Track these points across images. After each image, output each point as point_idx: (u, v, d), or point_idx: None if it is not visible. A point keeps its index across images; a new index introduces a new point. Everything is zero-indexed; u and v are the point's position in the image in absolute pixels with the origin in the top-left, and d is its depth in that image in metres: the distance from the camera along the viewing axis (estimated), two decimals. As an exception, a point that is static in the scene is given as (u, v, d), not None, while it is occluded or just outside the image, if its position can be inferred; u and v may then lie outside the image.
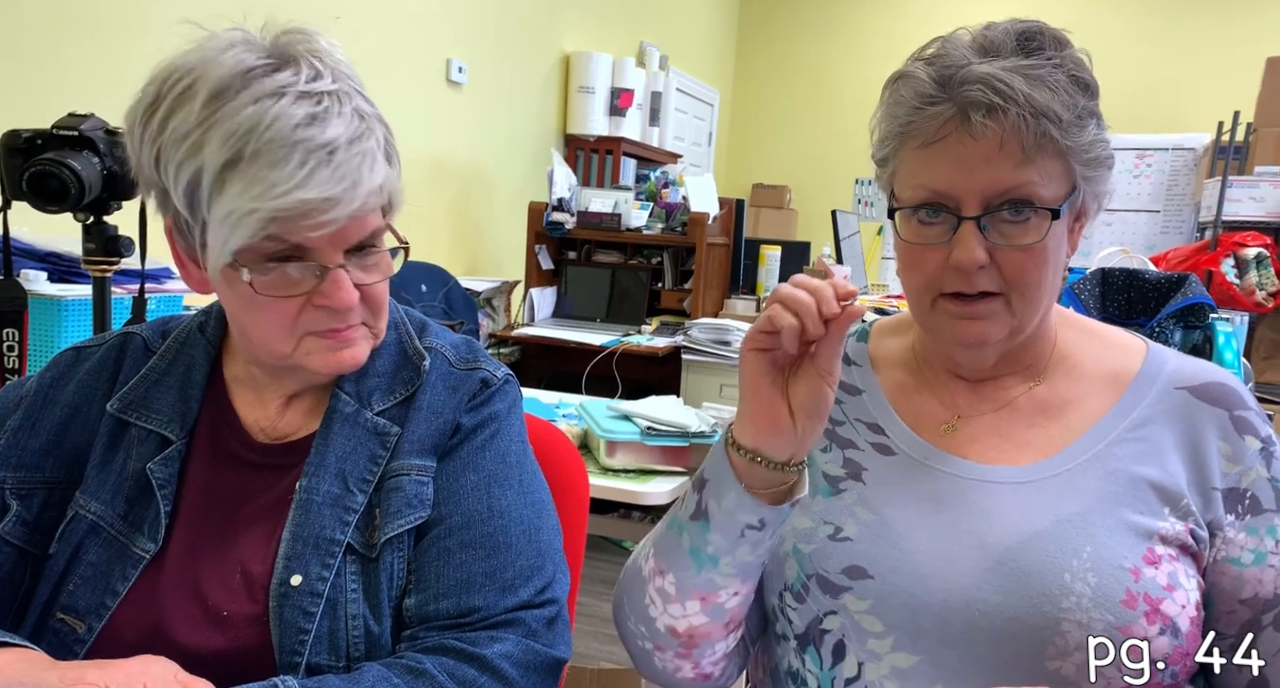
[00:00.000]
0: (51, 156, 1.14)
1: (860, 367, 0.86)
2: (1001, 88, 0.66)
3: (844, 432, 0.82)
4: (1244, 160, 4.02)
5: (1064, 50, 0.70)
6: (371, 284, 0.73)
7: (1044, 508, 0.72)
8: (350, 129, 0.67)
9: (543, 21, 4.03)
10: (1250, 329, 3.72)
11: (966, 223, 0.69)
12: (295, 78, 0.67)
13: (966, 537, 0.72)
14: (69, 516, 0.75)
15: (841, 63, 6.24)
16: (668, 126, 5.10)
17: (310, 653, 0.70)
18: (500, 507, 0.77)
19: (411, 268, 2.89)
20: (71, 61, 1.97)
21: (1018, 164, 0.68)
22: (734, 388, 2.91)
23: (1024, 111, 0.66)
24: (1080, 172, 0.70)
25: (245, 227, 0.66)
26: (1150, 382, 0.77)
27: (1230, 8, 5.38)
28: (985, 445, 0.77)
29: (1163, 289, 1.92)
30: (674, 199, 3.43)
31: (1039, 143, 0.67)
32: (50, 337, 1.47)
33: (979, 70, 0.67)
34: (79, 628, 0.71)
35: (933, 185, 0.71)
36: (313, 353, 0.73)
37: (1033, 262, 0.70)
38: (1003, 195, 0.69)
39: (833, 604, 0.73)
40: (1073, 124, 0.68)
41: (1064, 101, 0.68)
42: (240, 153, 0.65)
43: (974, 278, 0.71)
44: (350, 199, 0.66)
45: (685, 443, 1.69)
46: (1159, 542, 0.70)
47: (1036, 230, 0.69)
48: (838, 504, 0.77)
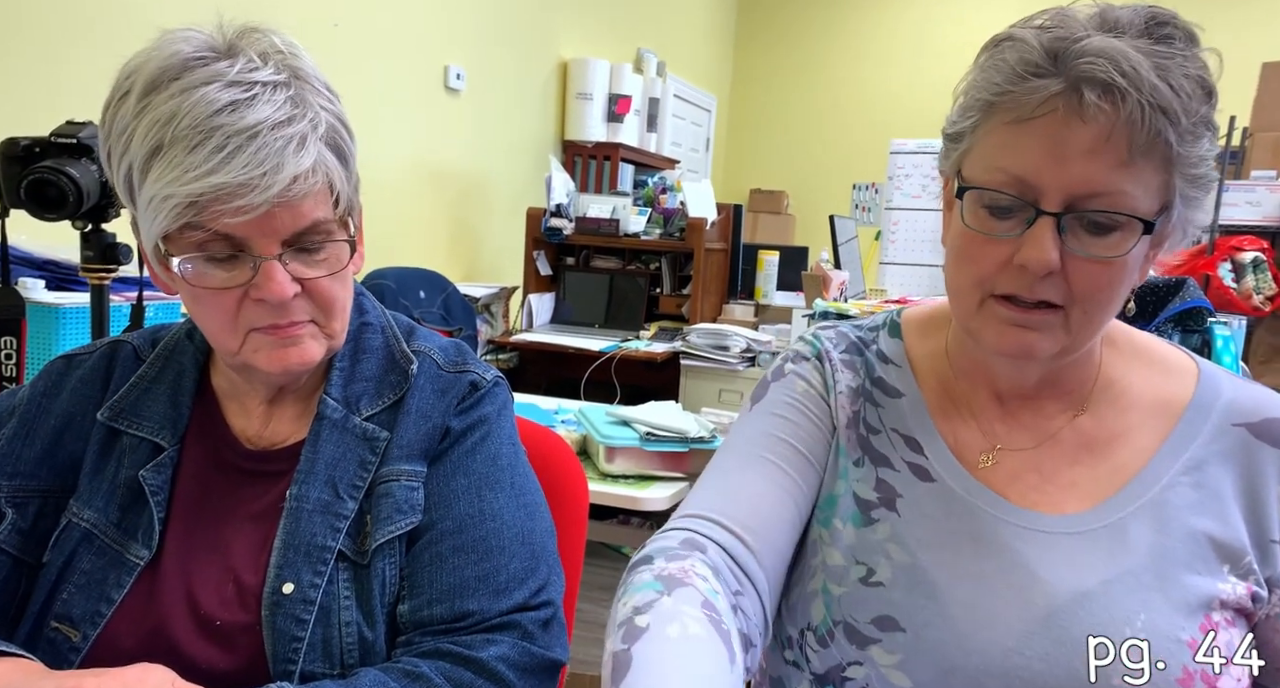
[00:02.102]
0: (50, 164, 1.15)
1: (899, 367, 0.76)
2: (1126, 68, 0.57)
3: (879, 444, 0.74)
4: (1240, 165, 4.03)
5: (1194, 47, 0.61)
6: (313, 278, 0.71)
7: (1093, 564, 0.65)
8: (277, 113, 0.65)
9: (540, 28, 4.04)
10: (1248, 333, 3.72)
11: (1044, 219, 0.60)
12: (230, 68, 0.65)
13: (1007, 591, 0.65)
14: (62, 524, 0.75)
15: (839, 69, 6.25)
16: (665, 132, 5.11)
17: (304, 661, 0.70)
18: (492, 510, 0.77)
19: (410, 274, 2.89)
20: (70, 70, 1.97)
21: (1118, 164, 0.59)
22: (732, 393, 2.92)
23: (1144, 100, 0.57)
24: (1181, 188, 0.61)
25: (164, 212, 0.65)
26: (1204, 414, 0.69)
27: (1226, 14, 5.40)
28: (1026, 486, 0.70)
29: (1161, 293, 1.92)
30: (672, 205, 3.44)
31: (1149, 143, 0.58)
32: (48, 345, 1.47)
33: (1099, 43, 0.57)
34: (74, 636, 0.71)
35: (1016, 170, 0.61)
36: (259, 350, 0.72)
37: (1106, 277, 0.62)
38: (1093, 197, 0.60)
39: (859, 655, 0.67)
40: (1188, 132, 0.59)
41: (1185, 103, 0.58)
42: (162, 140, 0.64)
43: (1037, 284, 0.62)
44: (270, 184, 0.64)
45: (684, 448, 1.69)
46: (1218, 607, 0.64)
47: (1120, 243, 0.60)
48: (870, 539, 0.70)
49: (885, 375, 0.76)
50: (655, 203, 3.49)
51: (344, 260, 0.73)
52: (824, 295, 2.86)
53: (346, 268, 0.74)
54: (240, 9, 0.71)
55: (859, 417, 0.75)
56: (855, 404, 0.76)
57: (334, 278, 0.72)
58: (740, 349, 2.88)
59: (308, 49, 0.73)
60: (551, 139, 4.23)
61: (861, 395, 0.76)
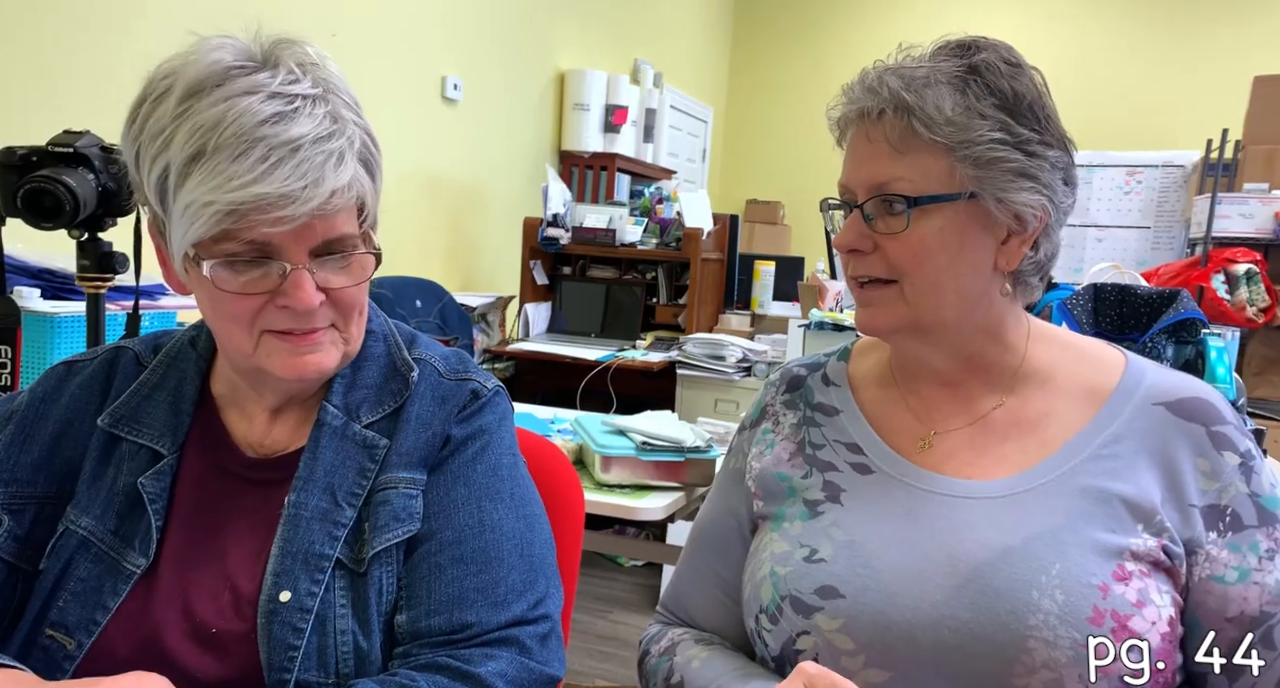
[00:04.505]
0: (46, 173, 1.15)
1: (839, 387, 0.87)
2: (874, 85, 0.73)
3: (824, 455, 0.83)
4: (1233, 177, 4.05)
5: (978, 56, 0.73)
6: (340, 288, 0.72)
7: (1015, 524, 0.72)
8: (318, 128, 0.66)
9: (537, 39, 4.05)
10: (1241, 345, 3.74)
11: (854, 210, 0.76)
12: (271, 79, 0.67)
13: (937, 553, 0.73)
14: (59, 531, 0.75)
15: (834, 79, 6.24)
16: (662, 143, 5.12)
17: (299, 670, 0.70)
18: (491, 521, 0.77)
19: (406, 283, 2.89)
20: (67, 78, 1.97)
21: (888, 158, 0.73)
22: (728, 403, 2.92)
23: (887, 108, 0.72)
24: (968, 172, 0.71)
25: (203, 219, 0.65)
26: (1127, 397, 0.77)
27: (1218, 27, 5.44)
28: (960, 461, 0.78)
29: (1154, 304, 1.93)
30: (668, 215, 3.45)
31: (905, 138, 0.72)
32: (43, 353, 1.46)
33: (867, 74, 0.75)
34: (68, 645, 0.71)
35: (841, 180, 0.78)
36: (273, 354, 0.72)
37: (910, 250, 0.73)
38: (878, 187, 0.74)
39: (805, 624, 0.74)
40: (950, 123, 0.71)
41: (946, 102, 0.71)
42: (204, 147, 0.65)
43: (856, 262, 0.77)
44: (310, 196, 0.65)
45: (681, 458, 1.69)
46: (1130, 558, 0.70)
47: (902, 220, 0.73)
48: (815, 527, 0.78)
49: (824, 398, 0.88)
50: (652, 213, 3.50)
51: (369, 271, 0.74)
52: (819, 306, 2.87)
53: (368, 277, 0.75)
54: (239, 18, 0.72)
55: (804, 442, 0.85)
56: (799, 435, 0.86)
57: (358, 288, 0.74)
58: (736, 359, 2.88)
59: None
60: (548, 149, 4.24)
61: (804, 424, 0.87)
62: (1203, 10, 5.47)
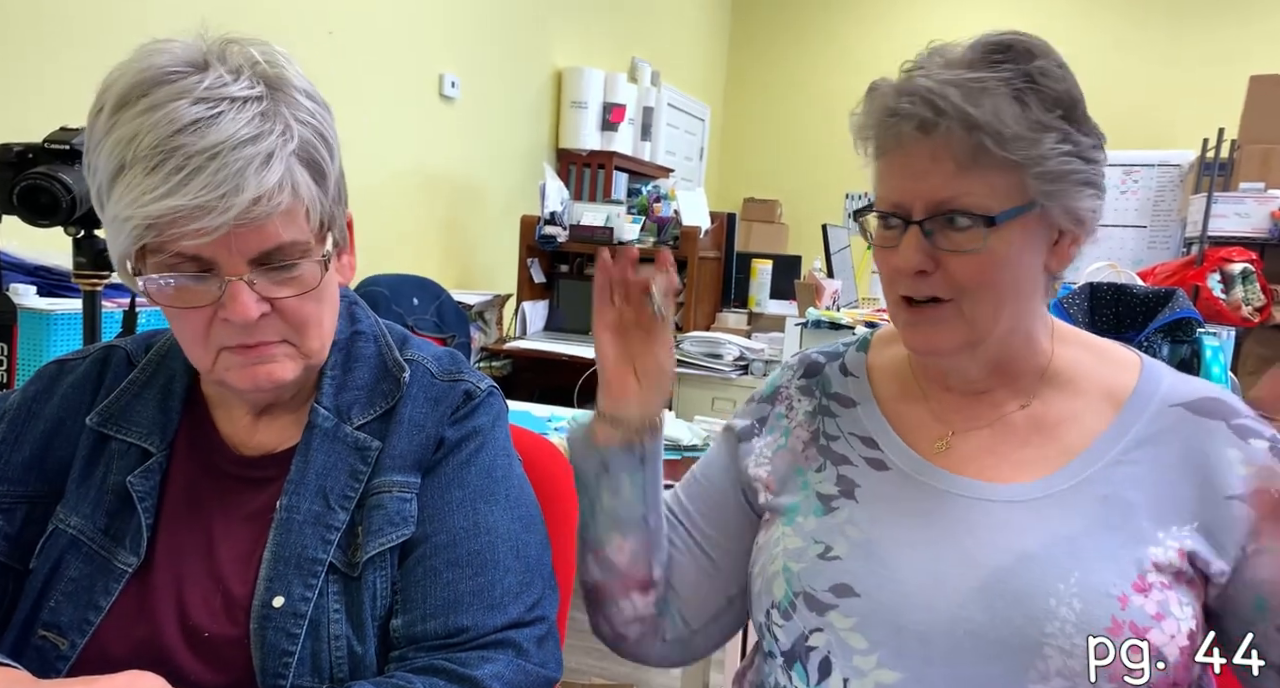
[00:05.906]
0: (42, 170, 1.14)
1: (857, 378, 0.86)
2: (937, 101, 0.68)
3: (838, 447, 0.82)
4: (1229, 176, 4.06)
5: (1033, 62, 0.69)
6: (283, 298, 0.69)
7: (1034, 529, 0.71)
8: (242, 131, 0.63)
9: (535, 37, 4.05)
10: (1237, 344, 3.75)
11: (911, 227, 0.71)
12: (198, 84, 0.64)
13: (954, 555, 0.72)
14: (49, 530, 0.74)
15: (832, 78, 6.28)
16: (659, 141, 5.12)
17: (294, 675, 0.69)
18: (486, 524, 0.76)
19: (403, 281, 2.89)
20: (63, 76, 1.97)
21: (952, 175, 0.69)
22: (725, 401, 2.92)
23: (953, 124, 0.68)
24: (1036, 186, 0.69)
25: (124, 234, 0.65)
26: (1146, 400, 0.76)
27: (1214, 26, 5.45)
28: (981, 464, 0.77)
29: (1150, 304, 1.93)
30: (666, 213, 3.45)
31: (973, 153, 0.68)
32: (39, 351, 1.46)
33: (920, 84, 0.69)
34: (61, 645, 0.70)
35: (887, 194, 0.73)
36: (230, 369, 0.71)
37: (977, 267, 0.70)
38: (941, 205, 0.70)
39: (819, 621, 0.73)
40: (1019, 138, 0.68)
41: (1010, 114, 0.67)
42: (124, 160, 0.64)
43: (917, 282, 0.72)
44: (229, 205, 0.63)
45: (678, 456, 1.69)
46: (1152, 569, 0.69)
47: (975, 238, 0.70)
48: (829, 523, 0.77)
49: (842, 389, 0.86)
50: (649, 211, 3.50)
51: (317, 279, 0.70)
52: (817, 304, 2.87)
53: (321, 286, 0.71)
54: (234, 17, 0.71)
55: (819, 432, 0.84)
56: (813, 424, 0.85)
57: (306, 297, 0.70)
58: (733, 357, 2.88)
59: (302, 57, 0.72)
60: (546, 147, 4.24)
61: (819, 413, 0.86)
62: (1199, 10, 5.48)
